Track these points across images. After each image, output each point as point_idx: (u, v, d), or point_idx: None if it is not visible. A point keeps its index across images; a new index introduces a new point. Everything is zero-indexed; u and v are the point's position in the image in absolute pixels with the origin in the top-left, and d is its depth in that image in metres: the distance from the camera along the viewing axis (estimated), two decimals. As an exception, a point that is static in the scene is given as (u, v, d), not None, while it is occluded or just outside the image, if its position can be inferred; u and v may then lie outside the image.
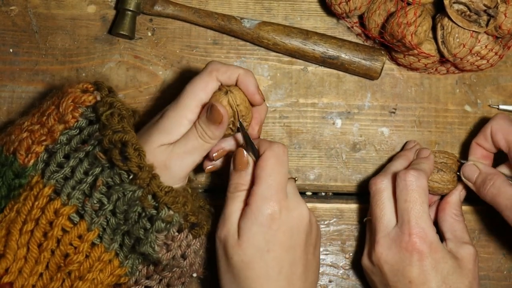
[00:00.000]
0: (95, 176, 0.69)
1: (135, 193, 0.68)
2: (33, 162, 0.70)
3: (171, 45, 0.88)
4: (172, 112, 0.72)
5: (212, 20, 0.86)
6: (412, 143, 0.86)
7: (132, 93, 0.87)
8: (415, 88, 0.89)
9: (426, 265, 0.75)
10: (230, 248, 0.71)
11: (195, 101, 0.71)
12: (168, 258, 0.71)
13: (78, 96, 0.72)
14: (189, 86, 0.73)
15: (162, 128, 0.71)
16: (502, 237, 0.87)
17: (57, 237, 0.68)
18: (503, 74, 0.89)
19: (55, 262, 0.68)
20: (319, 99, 0.88)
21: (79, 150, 0.70)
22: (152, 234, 0.69)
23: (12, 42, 0.87)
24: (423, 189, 0.77)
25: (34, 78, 0.87)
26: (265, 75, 0.88)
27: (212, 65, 0.73)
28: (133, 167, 0.68)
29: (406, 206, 0.77)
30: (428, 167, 0.80)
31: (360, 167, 0.88)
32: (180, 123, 0.71)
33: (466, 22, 0.80)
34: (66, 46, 0.88)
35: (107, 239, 0.69)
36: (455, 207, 0.82)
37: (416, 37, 0.80)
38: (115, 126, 0.70)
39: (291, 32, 0.86)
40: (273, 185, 0.71)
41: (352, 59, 0.86)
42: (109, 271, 0.70)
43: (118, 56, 0.88)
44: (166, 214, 0.68)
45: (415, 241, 0.75)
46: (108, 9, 0.88)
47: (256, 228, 0.70)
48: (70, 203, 0.68)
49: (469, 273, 0.77)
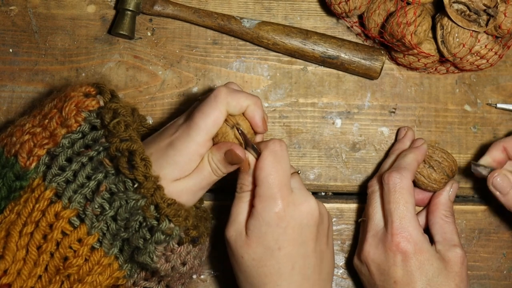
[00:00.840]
0: (98, 181, 0.69)
1: (138, 202, 0.68)
2: (35, 165, 0.70)
3: (170, 45, 0.88)
4: (184, 146, 0.70)
5: (212, 20, 0.86)
6: (403, 131, 0.86)
7: (132, 93, 0.87)
8: (415, 88, 0.89)
9: (410, 265, 0.76)
10: (240, 248, 0.72)
11: (208, 135, 0.70)
12: (167, 268, 0.71)
13: (81, 100, 0.72)
14: (200, 118, 0.70)
15: (174, 162, 0.70)
16: (502, 237, 0.87)
17: (56, 239, 0.68)
18: (503, 73, 0.89)
19: (54, 264, 0.68)
20: (319, 99, 0.88)
21: (82, 155, 0.70)
22: (151, 245, 0.68)
23: (12, 42, 0.88)
24: (406, 189, 0.77)
25: (34, 78, 0.87)
26: (265, 75, 0.88)
27: (222, 94, 0.71)
28: (139, 176, 0.68)
29: (389, 207, 0.77)
30: (413, 161, 0.80)
31: (360, 167, 0.88)
32: (193, 159, 0.70)
33: (465, 22, 0.80)
34: (66, 46, 0.88)
35: (107, 244, 0.69)
36: (445, 208, 0.82)
37: (415, 36, 0.80)
38: (122, 135, 0.69)
39: (290, 32, 0.86)
40: (274, 183, 0.71)
41: (352, 59, 0.86)
42: (108, 273, 0.70)
43: (118, 56, 0.88)
44: (166, 226, 0.68)
45: (399, 241, 0.76)
46: (108, 9, 0.88)
47: (264, 228, 0.71)
48: (71, 206, 0.68)
49: (456, 275, 0.77)
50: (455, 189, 0.83)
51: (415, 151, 0.81)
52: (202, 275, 0.79)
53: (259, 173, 0.71)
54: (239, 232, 0.72)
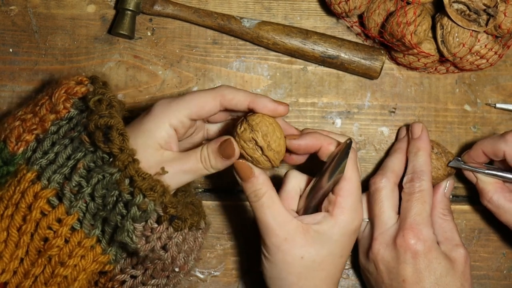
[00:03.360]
0: (77, 160, 0.69)
1: (113, 176, 0.67)
2: (22, 150, 0.70)
3: (170, 44, 0.88)
4: (159, 113, 0.70)
5: (212, 20, 0.86)
6: (404, 131, 0.86)
7: (132, 93, 0.87)
8: (415, 88, 0.89)
9: (419, 264, 0.76)
10: (299, 247, 0.72)
11: (187, 111, 0.70)
12: (147, 249, 0.69)
13: (71, 87, 0.73)
14: (189, 95, 0.71)
15: (148, 130, 0.70)
16: (502, 237, 0.87)
17: (36, 220, 0.68)
18: (502, 73, 0.89)
19: (35, 246, 0.68)
20: (318, 98, 0.88)
21: (65, 137, 0.70)
22: (129, 223, 0.67)
23: (12, 42, 0.88)
24: (427, 191, 0.79)
25: (34, 78, 0.87)
26: (264, 75, 0.88)
27: (221, 89, 0.72)
28: (114, 148, 0.67)
29: (406, 206, 0.78)
30: (428, 159, 0.81)
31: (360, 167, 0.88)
32: (167, 129, 0.70)
33: (465, 22, 0.80)
34: (66, 46, 0.88)
35: (87, 224, 0.69)
36: (442, 206, 0.82)
37: (415, 36, 0.80)
38: (102, 112, 0.69)
39: (290, 32, 0.86)
40: (359, 197, 0.74)
41: (352, 59, 0.86)
42: (91, 257, 0.69)
43: (118, 56, 0.88)
44: (140, 200, 0.67)
45: (410, 237, 0.76)
46: (108, 9, 0.88)
47: (338, 236, 0.73)
48: (50, 186, 0.68)
49: (462, 275, 0.77)
50: (451, 185, 0.83)
51: (422, 145, 0.81)
52: (185, 273, 0.76)
53: (349, 187, 0.73)
54: (291, 234, 0.72)
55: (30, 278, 0.68)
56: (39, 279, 0.68)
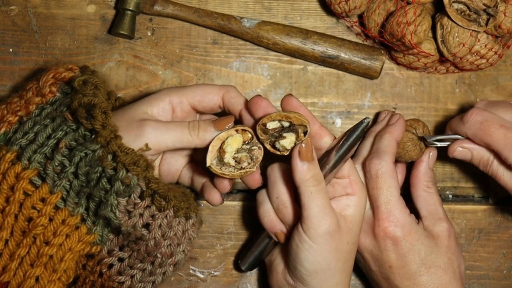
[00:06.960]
0: (58, 139, 0.69)
1: (95, 152, 0.68)
2: (4, 131, 0.71)
3: (170, 44, 0.88)
4: (155, 94, 0.74)
5: (212, 20, 0.86)
6: (383, 115, 0.85)
7: (132, 93, 0.87)
8: (415, 88, 0.89)
9: (402, 248, 0.76)
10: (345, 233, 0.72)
11: (191, 94, 0.73)
12: (129, 225, 0.69)
13: (59, 72, 0.74)
14: (196, 84, 0.75)
15: (146, 102, 0.73)
16: (502, 237, 0.87)
17: (19, 201, 0.68)
18: (502, 73, 0.89)
19: (19, 227, 0.68)
20: (319, 98, 0.88)
21: (46, 117, 0.71)
22: (113, 197, 0.68)
23: (12, 42, 0.88)
24: (388, 173, 0.77)
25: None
26: (264, 75, 0.88)
27: (227, 86, 0.75)
28: (96, 125, 0.68)
29: (373, 194, 0.77)
30: (391, 141, 0.79)
31: (360, 167, 0.88)
32: (163, 100, 0.73)
33: (465, 21, 0.80)
34: (66, 46, 0.88)
35: (71, 202, 0.69)
36: (426, 178, 0.81)
37: (415, 36, 0.80)
38: (86, 91, 0.70)
39: (290, 32, 0.86)
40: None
41: (352, 59, 0.86)
42: (77, 237, 0.69)
43: (118, 56, 0.88)
44: (123, 175, 0.67)
45: (386, 226, 0.76)
46: (108, 8, 0.88)
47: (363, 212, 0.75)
48: (31, 166, 0.68)
49: (447, 249, 0.77)
50: (434, 156, 0.82)
51: (391, 130, 0.80)
52: (179, 272, 0.75)
53: (351, 164, 0.74)
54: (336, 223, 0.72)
55: (16, 259, 0.68)
56: (25, 260, 0.68)
